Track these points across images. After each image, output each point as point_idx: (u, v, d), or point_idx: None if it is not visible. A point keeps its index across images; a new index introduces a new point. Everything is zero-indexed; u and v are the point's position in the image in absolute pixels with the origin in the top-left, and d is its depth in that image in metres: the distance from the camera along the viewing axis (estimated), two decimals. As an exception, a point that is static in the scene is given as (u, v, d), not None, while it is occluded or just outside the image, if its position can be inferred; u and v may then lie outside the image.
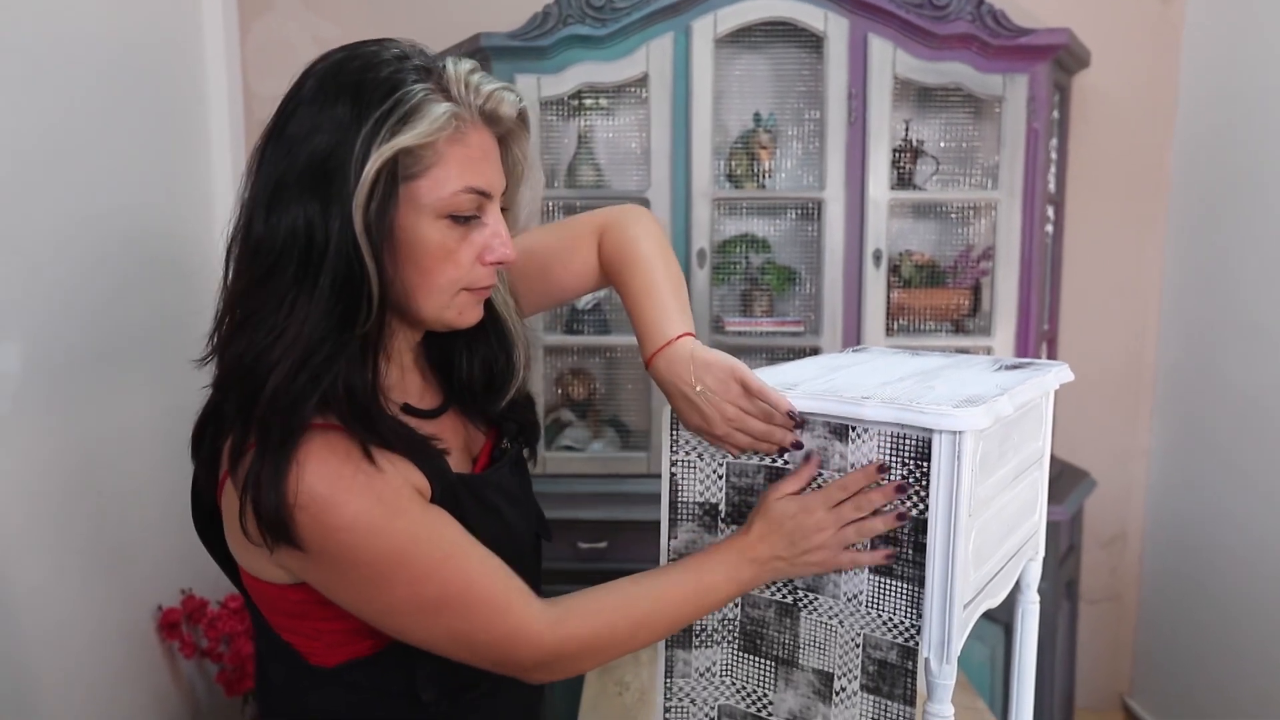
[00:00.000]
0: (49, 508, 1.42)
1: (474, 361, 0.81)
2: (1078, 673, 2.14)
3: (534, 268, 0.86)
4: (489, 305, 0.79)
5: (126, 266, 1.63)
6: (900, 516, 0.74)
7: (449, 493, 0.73)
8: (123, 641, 1.61)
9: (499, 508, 0.78)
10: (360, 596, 0.68)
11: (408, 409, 0.76)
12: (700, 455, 0.82)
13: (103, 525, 1.56)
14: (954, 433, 0.69)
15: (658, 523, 0.83)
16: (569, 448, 1.90)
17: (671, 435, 0.82)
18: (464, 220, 0.70)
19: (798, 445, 0.77)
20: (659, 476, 0.83)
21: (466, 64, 0.70)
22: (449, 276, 0.71)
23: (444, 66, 0.69)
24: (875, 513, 0.75)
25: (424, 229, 0.68)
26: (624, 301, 0.84)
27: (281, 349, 0.65)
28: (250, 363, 0.66)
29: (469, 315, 0.74)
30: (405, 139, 0.65)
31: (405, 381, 0.78)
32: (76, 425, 1.48)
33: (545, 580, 0.86)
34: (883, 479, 0.74)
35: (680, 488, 0.82)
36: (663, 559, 0.83)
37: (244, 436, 0.66)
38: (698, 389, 0.76)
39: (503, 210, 0.75)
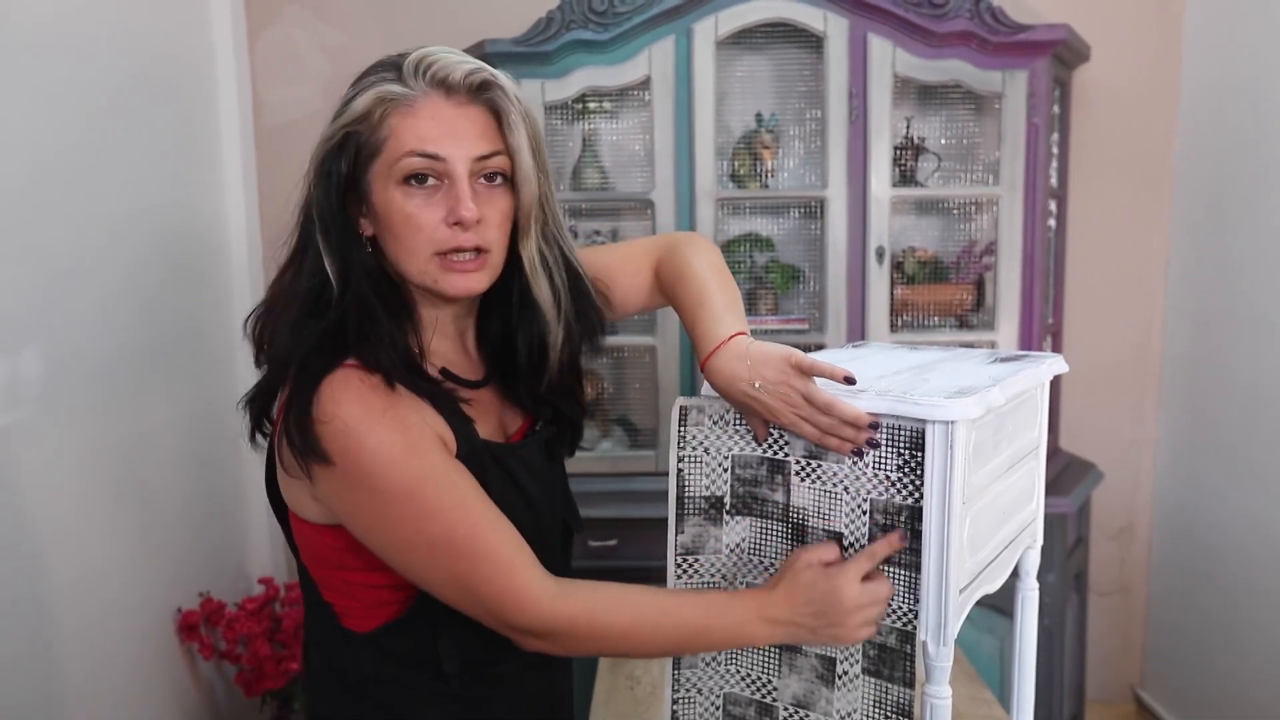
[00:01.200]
0: (70, 512, 1.46)
1: (532, 340, 0.85)
2: (1088, 665, 2.16)
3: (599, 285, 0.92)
4: (525, 288, 0.83)
5: (144, 272, 1.68)
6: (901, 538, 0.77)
7: (473, 455, 0.79)
8: (144, 643, 1.66)
9: (522, 481, 0.83)
10: (372, 524, 0.75)
11: (446, 373, 0.82)
12: (706, 450, 0.85)
13: (123, 530, 1.60)
14: (946, 422, 0.73)
15: (666, 519, 0.86)
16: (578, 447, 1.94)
17: (679, 432, 0.85)
18: (420, 182, 0.77)
19: (874, 444, 0.76)
20: (667, 474, 0.86)
21: (429, 48, 0.78)
22: (418, 240, 0.78)
23: (408, 55, 0.78)
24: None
25: (388, 196, 0.77)
26: (681, 316, 0.89)
27: (292, 298, 0.78)
28: (279, 313, 0.78)
29: (445, 284, 0.79)
30: (342, 119, 0.77)
31: (446, 350, 0.84)
32: (96, 430, 1.53)
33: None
34: (904, 546, 0.77)
35: (687, 483, 0.86)
36: (669, 554, 0.87)
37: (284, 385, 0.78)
38: (756, 385, 0.77)
39: (513, 181, 0.80)
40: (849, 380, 0.77)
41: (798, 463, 0.82)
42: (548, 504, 0.87)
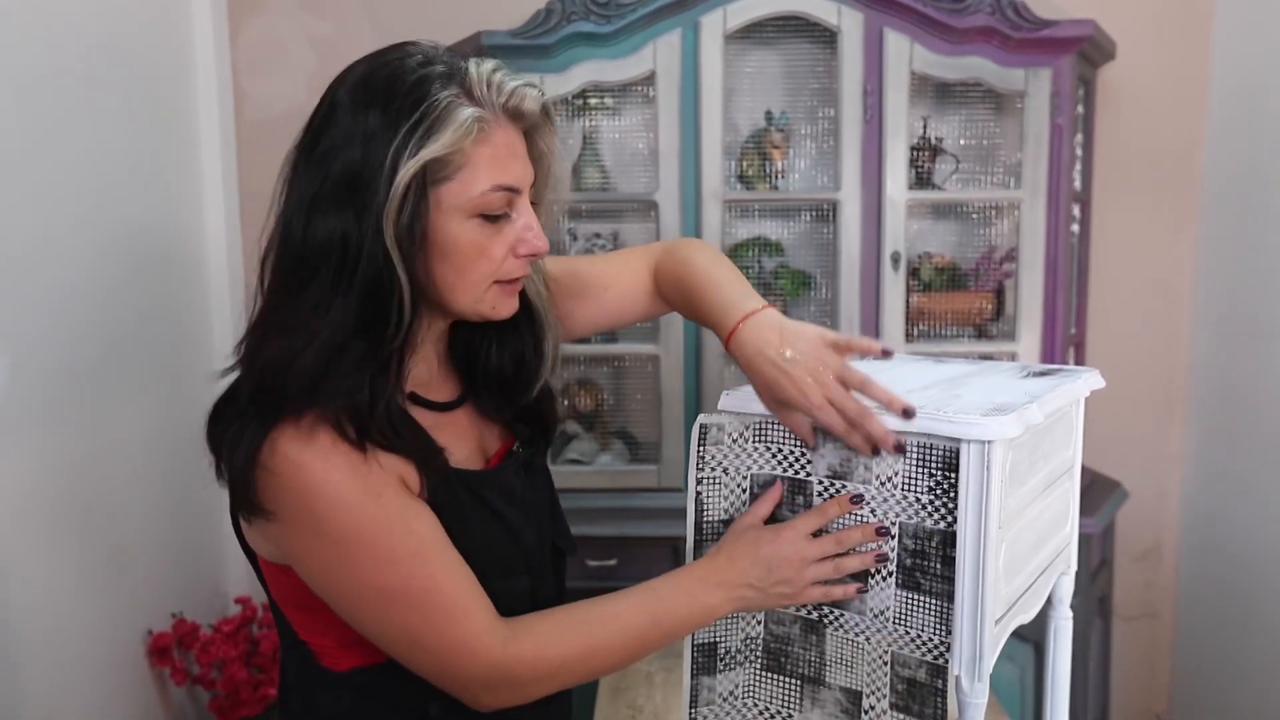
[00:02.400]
0: (33, 527, 1.43)
1: (503, 354, 0.84)
2: (1112, 692, 2.14)
3: (577, 286, 0.91)
4: (521, 294, 0.82)
5: (116, 274, 1.65)
6: (880, 558, 0.77)
7: (443, 487, 0.76)
8: (111, 669, 1.62)
9: (499, 508, 0.81)
10: (320, 571, 0.73)
11: (415, 398, 0.80)
12: (725, 470, 0.83)
13: (90, 545, 1.57)
14: (983, 442, 0.71)
15: (669, 539, 0.85)
16: (575, 461, 1.91)
17: (698, 452, 0.83)
18: (494, 218, 0.75)
19: (900, 448, 0.75)
20: (670, 490, 0.85)
21: (489, 64, 0.74)
22: (482, 271, 0.76)
23: (467, 69, 0.73)
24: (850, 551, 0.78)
25: (456, 229, 0.73)
26: (689, 307, 0.88)
27: (314, 352, 0.70)
28: (284, 363, 0.70)
29: (502, 308, 0.79)
30: (432, 149, 0.70)
31: (420, 371, 0.81)
32: (63, 440, 1.50)
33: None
34: (857, 512, 0.77)
35: (705, 506, 0.84)
36: None
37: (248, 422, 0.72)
38: (788, 354, 0.77)
39: (532, 204, 0.79)
40: (885, 353, 0.78)
41: (820, 483, 0.80)
42: (532, 529, 0.85)
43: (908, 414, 0.74)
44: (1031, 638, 1.79)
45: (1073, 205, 1.91)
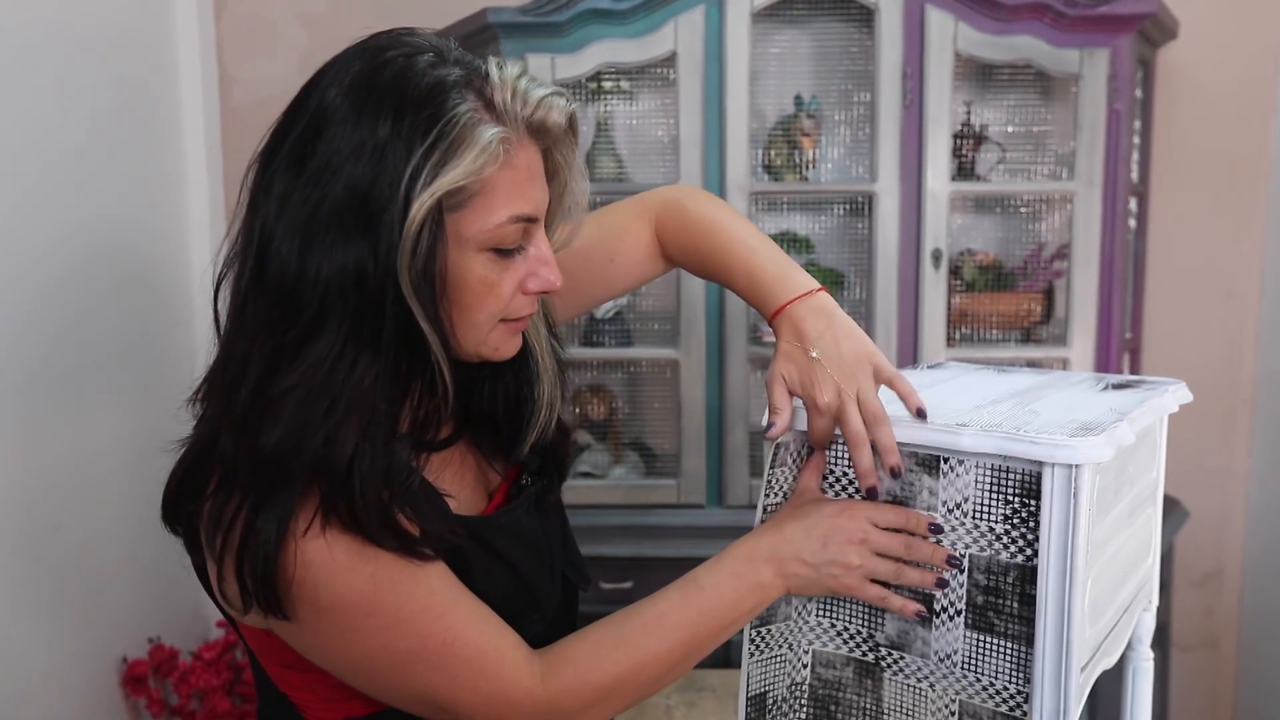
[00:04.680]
0: (3, 546, 1.41)
1: (496, 390, 0.80)
2: (1169, 730, 2.09)
3: (574, 264, 0.85)
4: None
5: (89, 277, 1.62)
6: (940, 583, 0.73)
7: (447, 538, 0.72)
8: (82, 698, 1.60)
9: (507, 554, 0.77)
10: (320, 645, 0.68)
11: (411, 438, 0.75)
12: (786, 496, 0.80)
13: (63, 565, 1.55)
14: (1070, 466, 0.66)
15: (689, 560, 0.81)
16: (587, 474, 1.88)
17: (767, 476, 0.79)
18: (507, 252, 0.69)
19: (895, 472, 0.74)
20: (690, 507, 0.82)
21: (512, 68, 0.68)
22: (489, 310, 0.70)
23: (487, 74, 0.67)
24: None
25: (465, 263, 0.67)
26: (720, 269, 0.84)
27: (340, 424, 0.64)
28: (302, 436, 0.63)
29: (505, 349, 0.74)
30: (451, 177, 0.63)
31: (415, 406, 0.76)
32: (33, 452, 1.47)
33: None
34: (934, 538, 0.74)
35: None
36: (744, 627, 0.80)
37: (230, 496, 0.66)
38: (814, 353, 0.74)
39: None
40: (920, 414, 0.73)
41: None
42: (542, 570, 0.81)
43: (921, 414, 0.73)
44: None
45: (1130, 199, 1.87)
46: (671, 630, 0.73)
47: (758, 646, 0.80)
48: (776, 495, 0.80)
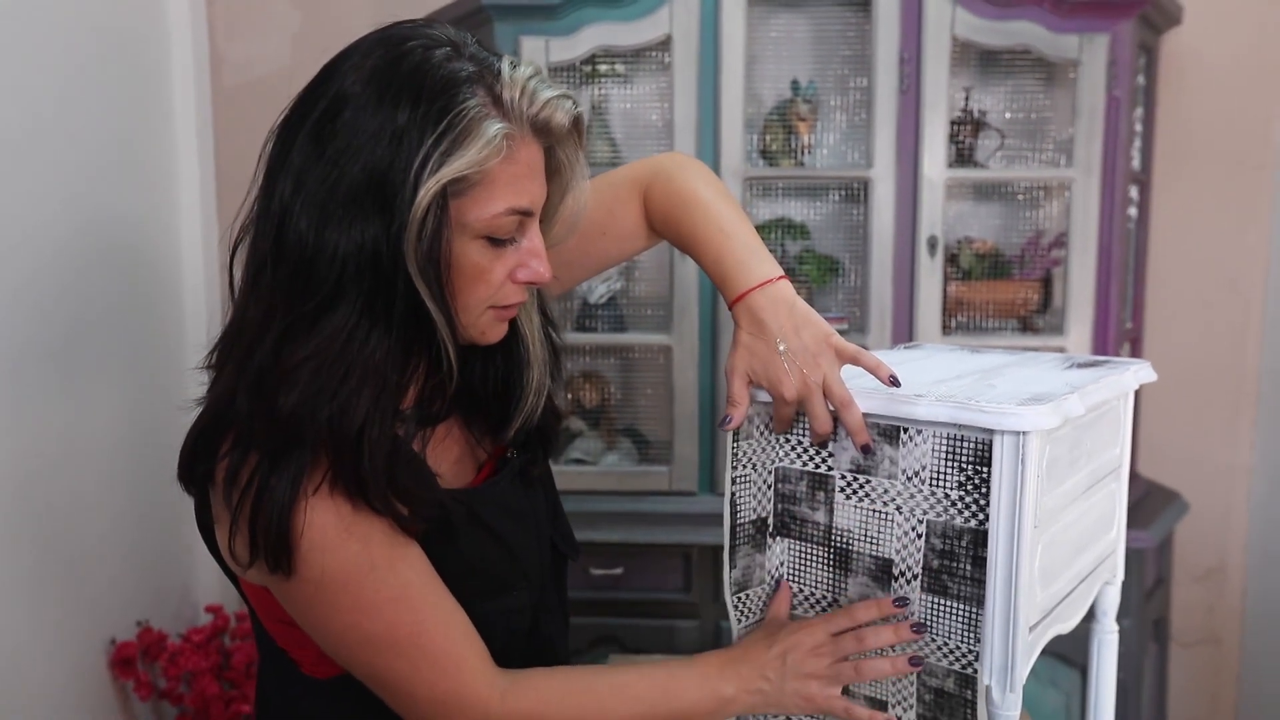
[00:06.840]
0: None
1: (487, 372, 0.87)
2: (1168, 727, 2.15)
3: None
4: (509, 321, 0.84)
5: (80, 258, 1.67)
6: (914, 661, 0.80)
7: (438, 512, 0.78)
8: (70, 681, 1.64)
9: (494, 524, 0.84)
10: (301, 610, 0.76)
11: (414, 414, 0.81)
12: (754, 466, 0.86)
13: (50, 547, 1.59)
14: (1017, 433, 0.73)
15: (681, 546, 0.88)
16: (579, 460, 1.94)
17: (732, 448, 0.85)
18: (500, 242, 0.76)
19: (866, 449, 0.81)
20: (682, 494, 0.88)
21: (525, 68, 0.75)
22: (478, 296, 0.77)
23: (499, 71, 0.74)
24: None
25: (460, 249, 0.74)
26: (692, 247, 0.89)
27: (354, 394, 0.71)
28: (317, 403, 0.70)
29: (491, 334, 0.80)
30: (455, 166, 0.70)
31: (419, 383, 0.83)
32: (20, 434, 1.52)
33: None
34: (900, 614, 0.80)
35: (739, 509, 0.87)
36: (726, 594, 0.88)
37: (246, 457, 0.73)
38: (782, 347, 0.80)
39: (540, 222, 0.80)
40: (893, 382, 0.79)
41: (843, 477, 0.83)
42: (532, 539, 0.88)
43: (894, 382, 0.79)
44: (1078, 662, 1.81)
45: (1130, 187, 1.91)
46: (632, 701, 0.81)
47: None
48: (743, 469, 0.86)
